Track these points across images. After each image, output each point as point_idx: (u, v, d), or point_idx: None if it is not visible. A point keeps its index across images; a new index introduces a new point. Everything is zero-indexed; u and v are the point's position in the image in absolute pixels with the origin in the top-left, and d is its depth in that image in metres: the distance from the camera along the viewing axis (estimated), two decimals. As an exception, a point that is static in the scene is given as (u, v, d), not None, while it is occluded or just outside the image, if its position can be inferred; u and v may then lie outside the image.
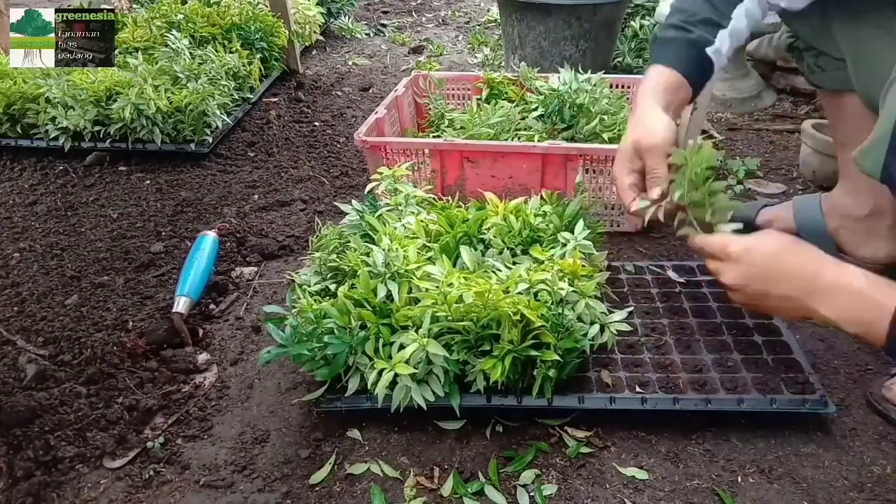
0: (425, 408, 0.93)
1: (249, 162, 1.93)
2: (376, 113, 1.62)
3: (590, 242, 1.08)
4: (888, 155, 0.79)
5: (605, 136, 1.54)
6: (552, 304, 0.97)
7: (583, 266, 1.03)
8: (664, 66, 1.06)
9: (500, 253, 1.09)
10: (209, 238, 1.42)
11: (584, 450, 0.96)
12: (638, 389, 1.00)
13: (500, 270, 1.01)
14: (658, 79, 1.05)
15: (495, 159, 1.47)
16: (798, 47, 1.24)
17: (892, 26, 0.97)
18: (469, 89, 1.87)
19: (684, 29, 1.06)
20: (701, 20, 1.06)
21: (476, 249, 1.09)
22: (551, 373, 0.93)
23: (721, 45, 1.06)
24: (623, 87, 1.82)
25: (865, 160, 0.83)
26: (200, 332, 1.25)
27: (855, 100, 1.10)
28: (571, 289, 1.00)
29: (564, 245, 1.07)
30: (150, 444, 1.01)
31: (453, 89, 1.88)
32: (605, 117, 1.58)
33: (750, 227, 1.32)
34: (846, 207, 1.28)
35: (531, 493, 0.90)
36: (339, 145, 2.02)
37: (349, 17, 3.25)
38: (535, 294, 0.98)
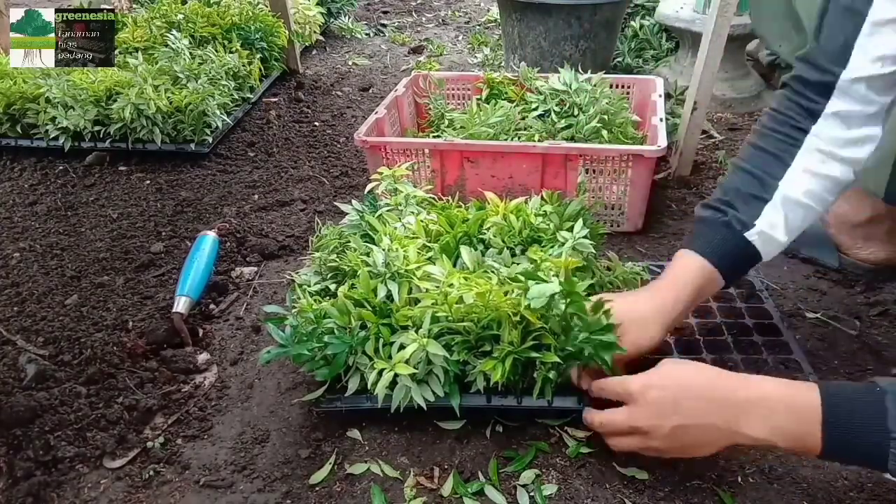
0: (425, 408, 0.93)
1: (249, 162, 1.93)
2: (376, 113, 1.62)
3: (588, 241, 1.08)
4: (893, 174, 0.77)
5: (605, 135, 1.55)
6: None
7: (573, 260, 1.02)
8: (690, 250, 0.94)
9: (500, 253, 1.09)
10: (209, 238, 1.42)
11: (584, 450, 0.96)
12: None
13: (501, 270, 1.00)
14: (677, 267, 0.95)
15: (495, 159, 1.47)
16: (779, 65, 1.23)
17: None
18: (469, 89, 1.87)
19: (718, 208, 0.94)
20: (741, 195, 0.92)
21: (476, 249, 1.09)
22: (551, 374, 0.93)
23: (772, 223, 0.90)
24: (623, 86, 1.82)
25: (868, 179, 0.81)
26: (200, 332, 1.25)
27: None
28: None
29: (563, 244, 1.07)
30: (150, 444, 1.01)
31: (453, 89, 1.88)
32: (606, 117, 1.58)
33: None
34: (844, 213, 1.28)
35: (531, 493, 0.90)
36: (339, 145, 2.02)
37: (349, 17, 3.25)
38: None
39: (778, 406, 0.75)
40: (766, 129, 0.96)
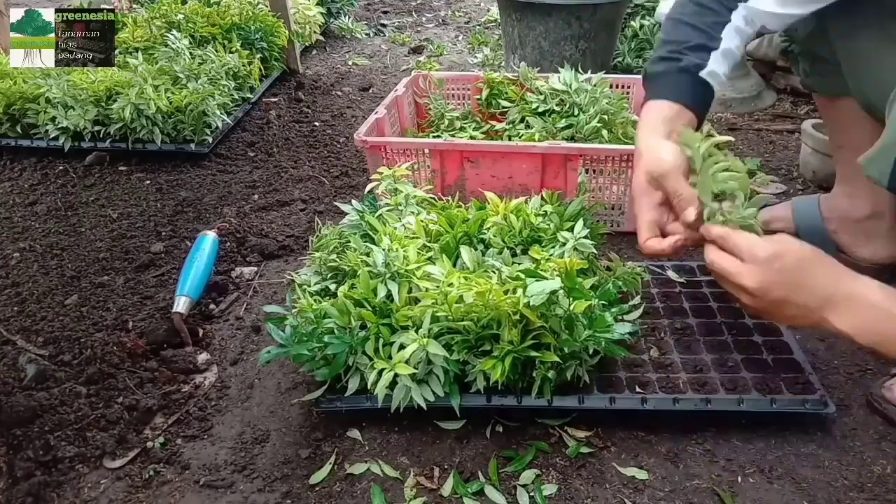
0: (425, 408, 0.93)
1: (249, 162, 1.93)
2: (376, 113, 1.62)
3: (589, 241, 1.08)
4: None
5: (605, 135, 1.55)
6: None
7: (578, 262, 1.02)
8: (658, 100, 1.02)
9: (501, 253, 1.09)
10: (209, 238, 1.42)
11: (584, 450, 0.96)
12: (638, 389, 1.00)
13: (502, 270, 1.00)
14: (653, 114, 1.02)
15: (495, 159, 1.47)
16: (793, 51, 1.24)
17: (890, 32, 0.96)
18: (469, 89, 1.87)
19: (673, 59, 1.03)
20: (689, 47, 1.02)
21: (476, 249, 1.09)
22: (550, 374, 0.93)
23: (715, 67, 1.02)
24: (623, 87, 1.82)
25: (871, 168, 0.83)
26: (200, 332, 1.25)
27: (851, 103, 1.10)
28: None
29: (563, 244, 1.07)
30: (150, 444, 1.01)
31: (453, 89, 1.88)
32: (606, 116, 1.58)
33: None
34: (845, 209, 1.28)
35: (531, 493, 0.90)
36: (339, 145, 2.02)
37: (349, 17, 3.25)
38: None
39: (872, 309, 0.81)
40: None
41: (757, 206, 0.90)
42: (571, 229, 1.12)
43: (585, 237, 1.08)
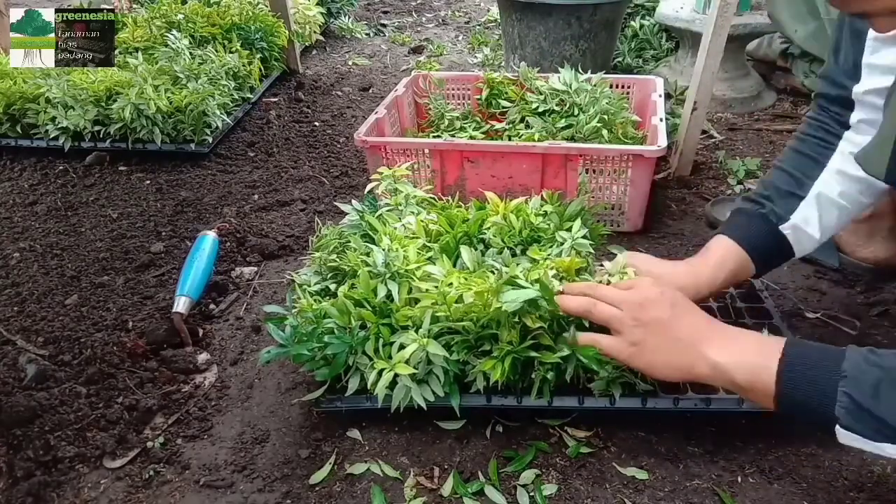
0: (425, 408, 0.93)
1: (249, 162, 1.93)
2: (376, 113, 1.62)
3: (587, 241, 1.08)
4: (892, 157, 0.78)
5: (605, 135, 1.55)
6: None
7: (577, 260, 1.02)
8: (726, 236, 1.00)
9: (500, 253, 1.09)
10: (209, 238, 1.42)
11: (584, 450, 0.96)
12: (638, 389, 0.99)
13: (502, 270, 1.00)
14: (713, 249, 1.00)
15: (495, 159, 1.47)
16: (792, 53, 1.24)
17: None
18: (469, 89, 1.87)
19: (756, 201, 1.00)
20: (779, 191, 0.98)
21: (476, 249, 1.09)
22: (549, 375, 0.93)
23: (806, 218, 0.96)
24: (623, 86, 1.82)
25: (868, 163, 0.82)
26: (200, 332, 1.25)
27: None
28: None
29: (561, 244, 1.07)
30: (150, 444, 1.01)
31: (453, 89, 1.88)
32: (606, 116, 1.58)
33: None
34: None
35: (531, 493, 0.90)
36: (339, 145, 2.02)
37: (349, 17, 3.25)
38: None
39: (744, 338, 0.80)
40: (803, 134, 1.03)
41: None
42: (570, 229, 1.12)
43: (584, 237, 1.08)
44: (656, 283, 0.88)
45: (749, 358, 0.77)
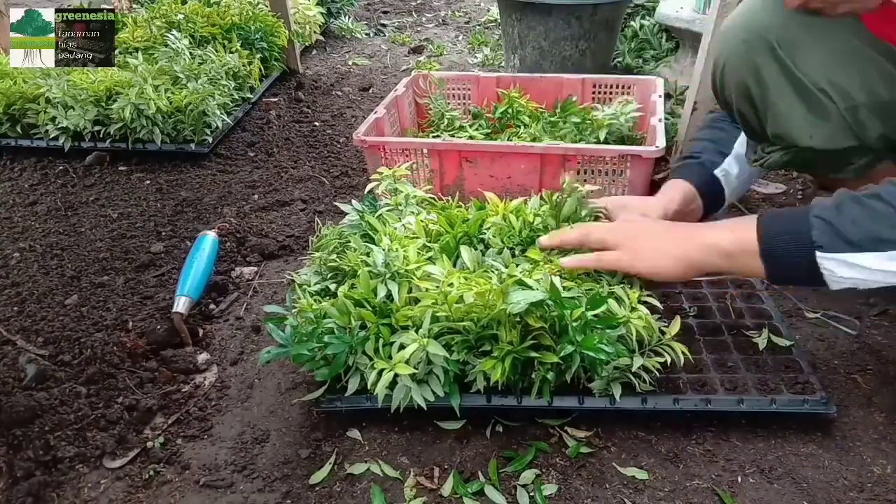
0: (425, 408, 0.93)
1: (249, 162, 1.93)
2: (375, 113, 1.62)
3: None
4: None
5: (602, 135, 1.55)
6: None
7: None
8: (676, 178, 1.17)
9: (500, 253, 1.09)
10: (209, 238, 1.42)
11: (584, 450, 0.96)
12: (638, 389, 1.00)
13: (501, 270, 1.00)
14: (667, 186, 1.17)
15: (494, 159, 1.47)
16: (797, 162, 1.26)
17: None
18: (469, 89, 1.87)
19: (692, 157, 1.20)
20: (708, 150, 1.19)
21: (476, 249, 1.09)
22: (549, 375, 0.93)
23: (729, 168, 1.17)
24: (624, 87, 1.82)
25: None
26: (200, 332, 1.25)
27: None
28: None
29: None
30: (150, 444, 1.01)
31: (454, 89, 1.88)
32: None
33: None
34: None
35: (531, 493, 0.90)
36: (339, 145, 2.02)
37: (349, 17, 3.25)
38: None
39: (725, 222, 0.93)
40: (714, 122, 1.25)
41: None
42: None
43: None
44: (636, 217, 1.03)
45: (731, 227, 0.90)
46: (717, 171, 1.17)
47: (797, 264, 0.84)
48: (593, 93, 1.84)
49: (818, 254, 0.82)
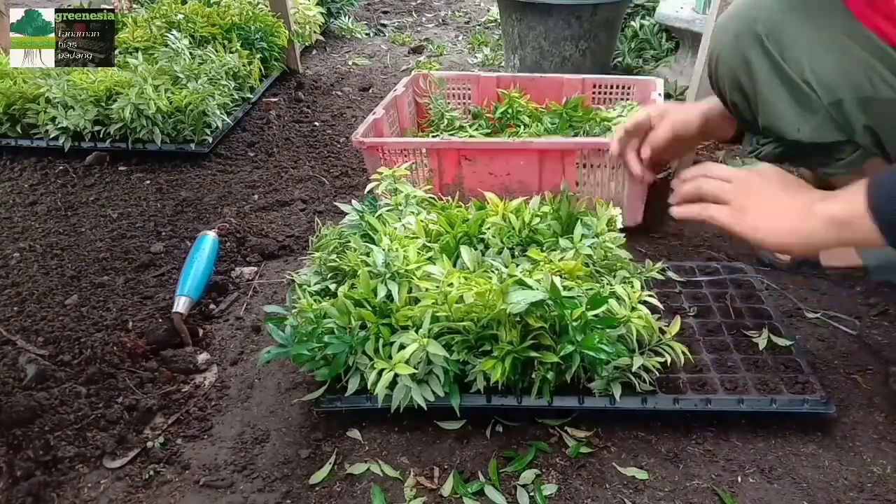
0: (425, 408, 0.93)
1: (249, 162, 1.93)
2: (374, 114, 1.62)
3: (589, 248, 1.07)
4: None
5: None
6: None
7: (584, 266, 1.02)
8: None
9: (500, 253, 1.09)
10: (209, 238, 1.42)
11: (584, 450, 0.96)
12: (638, 389, 1.00)
13: (501, 270, 1.00)
14: (705, 99, 1.16)
15: (492, 157, 1.47)
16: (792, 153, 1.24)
17: None
18: (469, 88, 1.87)
19: None
20: None
21: (476, 249, 1.09)
22: (550, 375, 0.93)
23: None
24: (623, 87, 1.82)
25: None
26: (200, 332, 1.25)
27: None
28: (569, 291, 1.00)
29: (564, 251, 1.07)
30: (150, 444, 1.01)
31: (453, 89, 1.88)
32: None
33: (811, 262, 1.33)
34: None
35: (531, 493, 0.90)
36: (339, 145, 2.02)
37: (349, 17, 3.25)
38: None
39: (838, 192, 0.84)
40: None
41: None
42: (571, 231, 1.12)
43: (591, 246, 1.08)
44: (762, 171, 0.93)
45: (844, 196, 0.81)
46: None
47: None
48: (594, 93, 1.84)
49: None
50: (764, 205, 0.89)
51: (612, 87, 1.82)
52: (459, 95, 1.89)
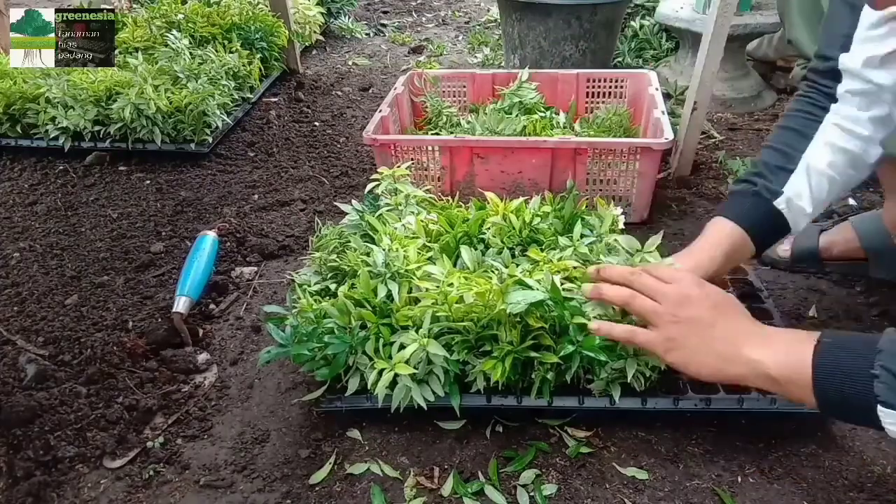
0: (425, 408, 0.93)
1: (249, 162, 1.93)
2: (380, 111, 1.62)
3: (586, 248, 1.07)
4: None
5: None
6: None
7: (575, 268, 1.02)
8: (723, 216, 1.00)
9: (500, 253, 1.09)
10: (209, 238, 1.42)
11: (584, 450, 0.96)
12: (638, 390, 0.99)
13: (501, 270, 1.00)
14: (709, 229, 1.00)
15: (505, 155, 1.47)
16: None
17: None
18: (464, 86, 1.87)
19: (749, 180, 1.00)
20: (770, 167, 0.99)
21: (476, 249, 1.09)
22: (549, 375, 0.93)
23: (796, 191, 0.96)
24: (616, 81, 1.84)
25: (891, 145, 0.83)
26: (200, 332, 1.25)
27: None
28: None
29: (563, 250, 1.07)
30: (150, 444, 1.01)
31: (449, 87, 1.89)
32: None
33: (813, 253, 1.30)
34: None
35: (531, 493, 0.90)
36: (339, 145, 2.02)
37: (349, 17, 3.25)
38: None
39: (782, 335, 0.79)
40: (791, 111, 1.03)
41: None
42: (571, 230, 1.12)
43: (590, 244, 1.07)
44: (699, 280, 0.86)
45: (784, 349, 0.75)
46: (777, 202, 0.97)
47: (853, 411, 0.72)
48: (587, 88, 1.84)
49: (879, 407, 0.69)
50: (696, 337, 0.82)
51: (605, 81, 1.83)
52: (455, 93, 1.89)
